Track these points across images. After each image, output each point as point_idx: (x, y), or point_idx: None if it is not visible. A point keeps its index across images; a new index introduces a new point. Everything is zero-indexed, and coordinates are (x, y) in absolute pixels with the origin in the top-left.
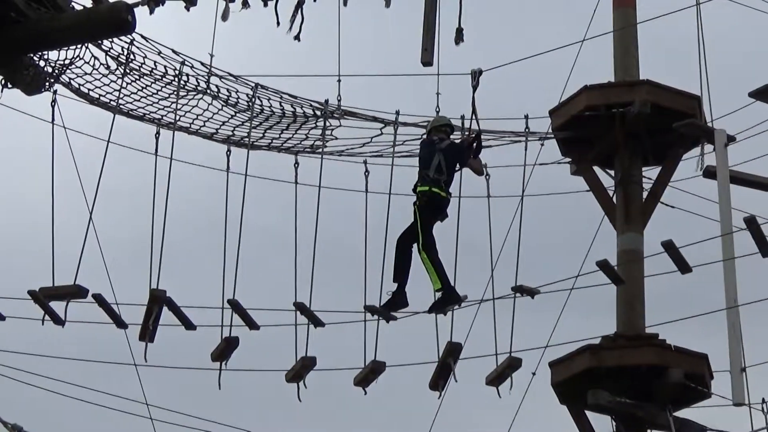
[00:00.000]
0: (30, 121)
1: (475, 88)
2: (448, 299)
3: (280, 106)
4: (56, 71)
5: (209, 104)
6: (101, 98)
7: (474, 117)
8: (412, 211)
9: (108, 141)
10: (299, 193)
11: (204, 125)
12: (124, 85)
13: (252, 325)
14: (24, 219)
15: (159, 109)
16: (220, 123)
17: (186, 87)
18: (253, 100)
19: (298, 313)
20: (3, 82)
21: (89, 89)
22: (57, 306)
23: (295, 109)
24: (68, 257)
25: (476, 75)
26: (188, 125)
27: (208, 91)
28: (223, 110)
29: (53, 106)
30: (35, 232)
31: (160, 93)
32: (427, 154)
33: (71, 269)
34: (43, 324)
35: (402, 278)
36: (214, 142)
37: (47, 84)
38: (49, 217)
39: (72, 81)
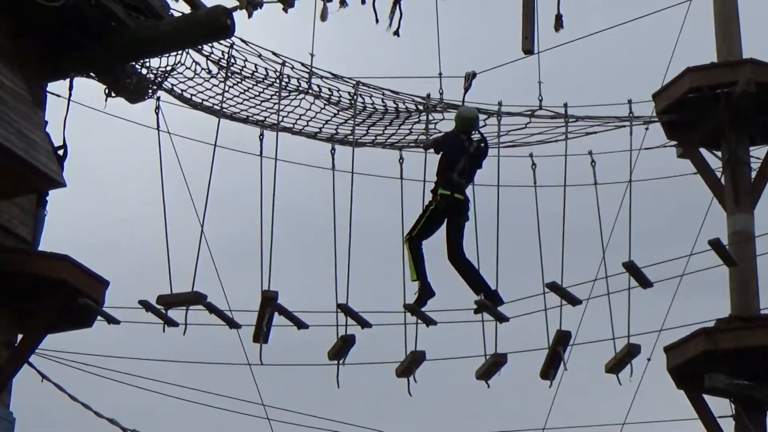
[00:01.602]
0: (132, 129)
1: (466, 90)
2: (423, 293)
3: (382, 102)
4: (158, 78)
5: (311, 104)
6: (204, 103)
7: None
8: (426, 207)
9: (215, 145)
10: (405, 189)
11: (307, 125)
12: (227, 88)
13: (364, 324)
14: (127, 227)
15: (262, 110)
16: (323, 122)
17: (287, 88)
18: (355, 97)
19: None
20: (107, 91)
21: (192, 94)
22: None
23: (397, 104)
24: (176, 262)
25: (469, 77)
26: (291, 125)
27: (310, 90)
28: (326, 109)
29: (157, 113)
30: (138, 240)
31: (262, 95)
32: (453, 151)
33: (179, 273)
34: (164, 331)
35: (480, 284)
36: (318, 141)
37: (150, 91)
38: (154, 224)
39: (174, 87)
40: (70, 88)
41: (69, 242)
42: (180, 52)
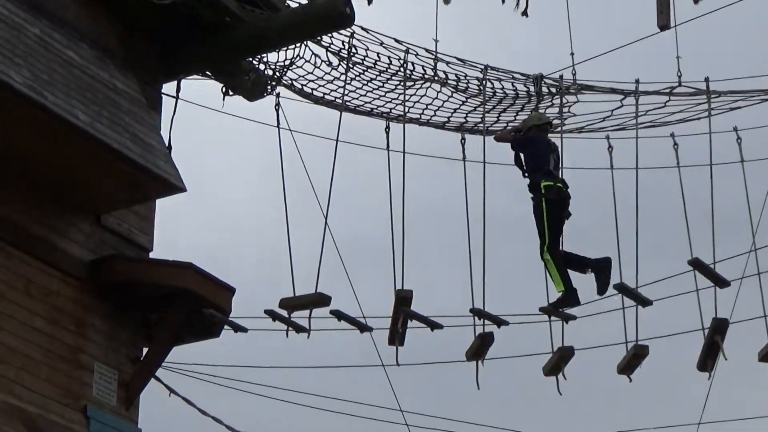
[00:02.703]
0: (243, 128)
1: (539, 93)
2: (566, 300)
3: (513, 86)
4: (277, 73)
5: (438, 92)
6: (326, 97)
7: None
8: (535, 209)
9: (337, 140)
10: None
11: (435, 114)
12: (348, 80)
13: (500, 322)
14: (245, 230)
15: (386, 102)
16: (452, 111)
17: (412, 76)
18: (484, 83)
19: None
20: (224, 89)
21: (312, 89)
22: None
23: (528, 88)
24: (298, 265)
25: (538, 81)
26: (418, 116)
27: (436, 78)
28: (454, 97)
29: (277, 110)
30: (259, 243)
31: (386, 85)
32: (539, 146)
33: (303, 276)
34: (287, 336)
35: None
36: (446, 131)
37: (269, 87)
38: (273, 226)
39: (294, 82)
40: (178, 88)
41: (185, 249)
42: (298, 44)
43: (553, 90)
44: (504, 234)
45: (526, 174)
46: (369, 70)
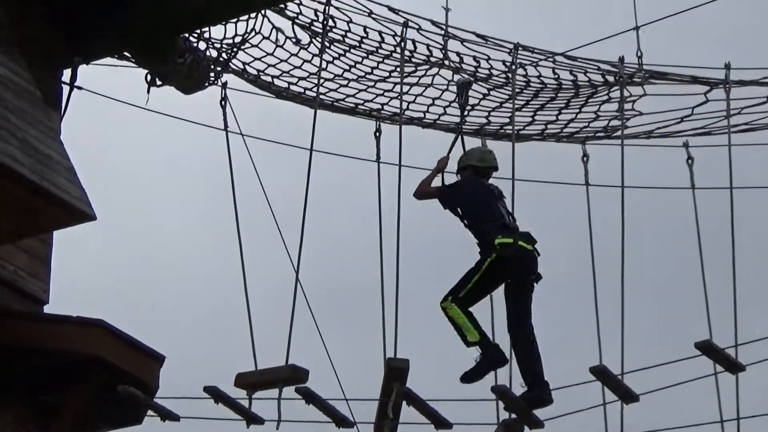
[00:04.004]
0: (185, 131)
1: (463, 106)
2: (488, 361)
3: (553, 73)
4: (224, 55)
5: (448, 82)
6: (292, 88)
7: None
8: (479, 262)
9: (311, 149)
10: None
11: (444, 112)
12: (324, 65)
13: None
14: (173, 272)
15: (376, 95)
16: (468, 108)
17: (413, 59)
18: (513, 68)
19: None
20: (150, 78)
21: (273, 77)
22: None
23: (576, 76)
24: (255, 314)
25: (463, 88)
26: (421, 115)
27: (445, 62)
28: (471, 89)
29: (224, 106)
30: (194, 292)
31: (376, 72)
32: (477, 201)
33: (262, 334)
34: (248, 427)
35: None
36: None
37: (212, 75)
38: (222, 261)
39: (247, 67)
40: (73, 75)
41: (94, 300)
42: (253, 15)
43: (611, 79)
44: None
45: (475, 234)
46: (352, 50)
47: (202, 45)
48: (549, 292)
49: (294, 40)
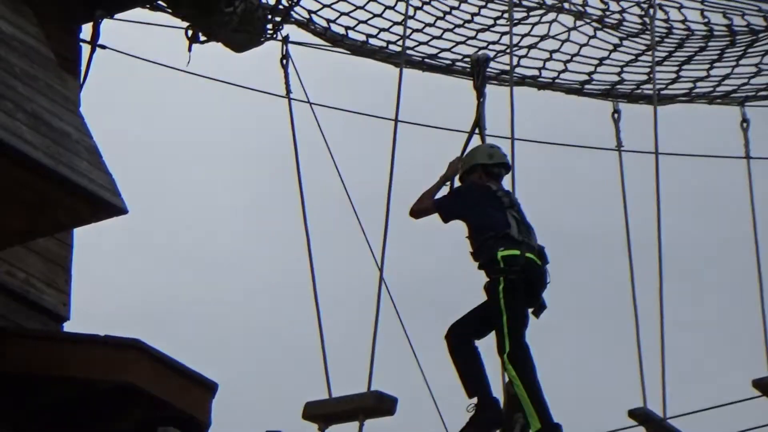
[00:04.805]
0: (240, 99)
1: (480, 88)
2: None
3: (702, 17)
4: (285, 1)
5: (569, 30)
6: (372, 41)
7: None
8: (490, 295)
9: (396, 118)
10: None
11: (565, 69)
12: (412, 12)
13: None
14: (227, 274)
15: (478, 49)
16: (595, 62)
17: (524, 2)
18: (652, 11)
19: None
20: (191, 34)
21: (347, 27)
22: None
23: (730, 20)
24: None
25: (478, 66)
26: (535, 73)
27: (564, 5)
28: (597, 38)
29: (286, 66)
30: (246, 303)
31: (477, 20)
32: (483, 208)
33: (336, 355)
34: None
35: (481, 387)
36: (585, 98)
37: (270, 27)
38: (277, 265)
39: (314, 16)
40: (95, 32)
41: (123, 314)
42: None
43: None
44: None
45: (474, 251)
46: None
47: None
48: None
49: None
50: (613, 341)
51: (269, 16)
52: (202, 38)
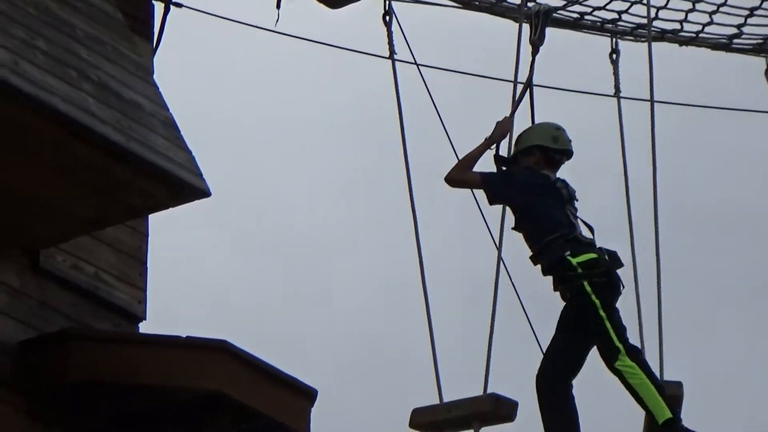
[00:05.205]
0: (336, 61)
1: (535, 44)
2: None
3: None
4: None
5: None
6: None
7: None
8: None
9: (530, 83)
10: None
11: (711, 21)
12: None
13: None
14: (325, 268)
15: (610, 0)
16: (745, 13)
17: None
18: None
19: None
20: None
21: None
22: None
23: None
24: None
25: (540, 16)
26: (676, 26)
27: None
28: None
29: (389, 24)
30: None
31: None
32: (541, 202)
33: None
34: None
35: None
36: (732, 53)
37: None
38: (389, 259)
39: None
40: None
41: (193, 314)
42: None
43: None
44: None
45: (536, 254)
46: None
47: None
48: None
49: None
50: None
51: None
52: None
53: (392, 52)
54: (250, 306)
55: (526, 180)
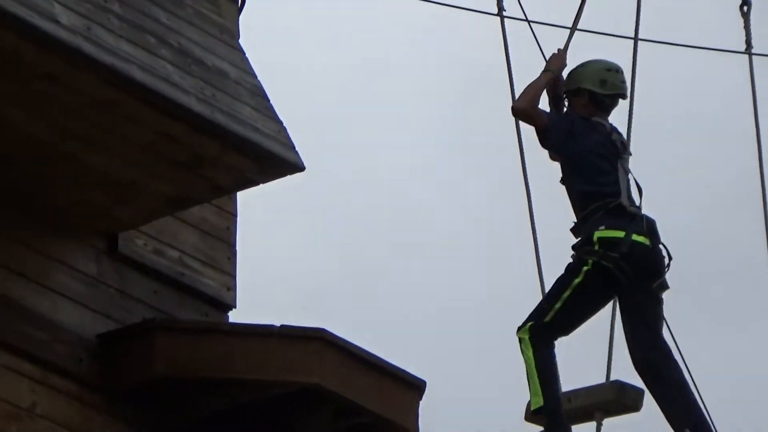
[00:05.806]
0: (435, 19)
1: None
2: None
3: None
4: None
5: None
6: None
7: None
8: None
9: (636, 38)
10: None
11: None
12: None
13: None
14: (428, 249)
15: None
16: None
17: None
18: None
19: None
20: None
21: None
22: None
23: None
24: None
25: None
26: None
27: None
28: None
29: None
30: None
31: None
32: (596, 150)
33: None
34: None
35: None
36: None
37: None
38: (495, 238)
39: None
40: None
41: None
42: None
43: None
44: None
45: (577, 224)
46: None
47: None
48: None
49: None
50: None
51: None
52: None
53: (501, 8)
54: (349, 292)
55: (584, 129)
